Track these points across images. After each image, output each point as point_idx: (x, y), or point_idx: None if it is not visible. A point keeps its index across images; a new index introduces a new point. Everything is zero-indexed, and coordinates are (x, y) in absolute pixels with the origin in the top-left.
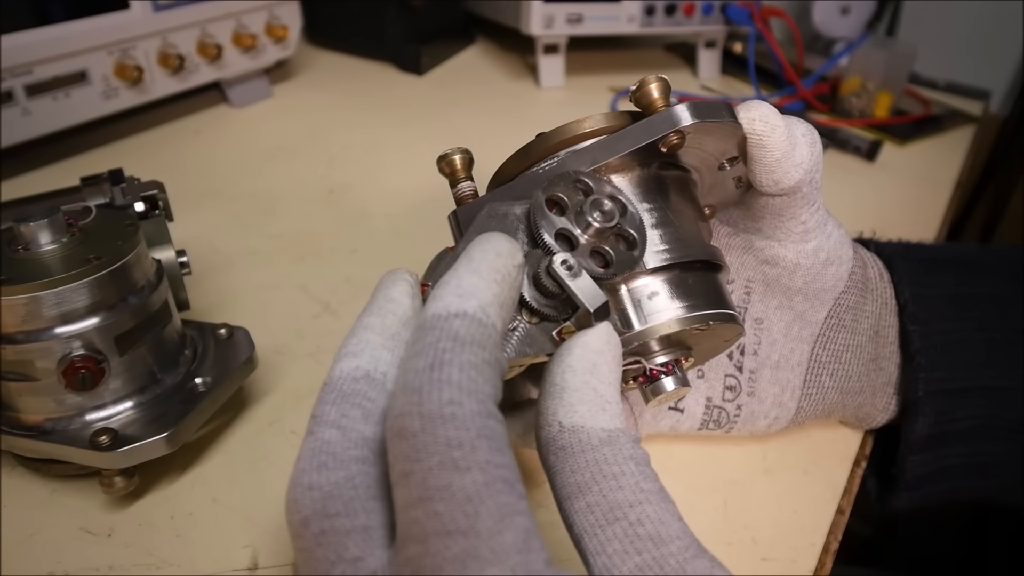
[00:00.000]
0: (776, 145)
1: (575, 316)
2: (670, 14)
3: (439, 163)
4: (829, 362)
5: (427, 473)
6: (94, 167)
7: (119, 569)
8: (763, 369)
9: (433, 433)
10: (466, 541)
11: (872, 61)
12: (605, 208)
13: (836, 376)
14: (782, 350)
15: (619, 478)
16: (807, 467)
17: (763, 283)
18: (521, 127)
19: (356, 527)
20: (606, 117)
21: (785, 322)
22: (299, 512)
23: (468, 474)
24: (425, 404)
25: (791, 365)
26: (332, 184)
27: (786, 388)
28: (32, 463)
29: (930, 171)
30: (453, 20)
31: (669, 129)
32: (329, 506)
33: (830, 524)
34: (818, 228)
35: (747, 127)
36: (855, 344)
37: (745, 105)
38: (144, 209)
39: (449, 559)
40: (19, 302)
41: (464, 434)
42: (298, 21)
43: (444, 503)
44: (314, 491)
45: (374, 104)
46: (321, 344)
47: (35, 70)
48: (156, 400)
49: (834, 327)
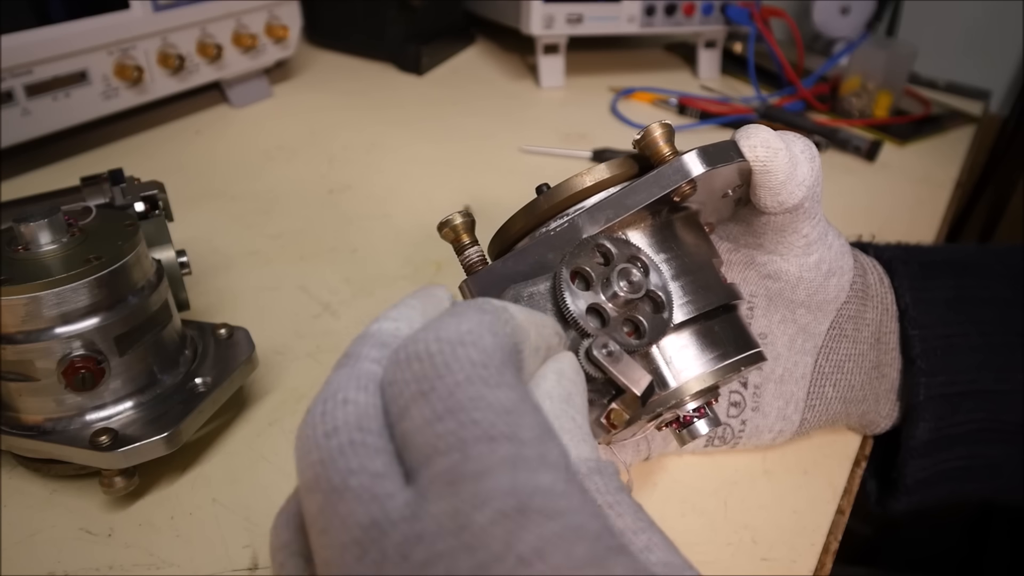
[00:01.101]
0: (779, 168)
1: (620, 398)
2: (670, 14)
3: (441, 230)
4: (832, 373)
5: (454, 387)
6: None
7: (119, 569)
8: (767, 383)
9: (454, 354)
10: (511, 446)
11: (872, 61)
12: (633, 278)
13: (839, 386)
14: (786, 363)
15: (615, 507)
16: (807, 467)
17: (766, 297)
18: (521, 127)
19: (387, 448)
20: (610, 168)
21: (788, 335)
22: (327, 423)
23: (499, 390)
24: (442, 331)
25: (795, 378)
26: (332, 184)
27: (790, 401)
28: (32, 463)
29: (930, 171)
30: (453, 20)
31: (681, 181)
32: (364, 422)
33: (830, 524)
34: (819, 240)
35: (749, 155)
36: (857, 353)
37: (744, 132)
38: (144, 209)
39: (497, 462)
40: (19, 302)
41: (489, 357)
42: (298, 21)
43: (481, 412)
44: (349, 405)
45: (374, 104)
46: (321, 344)
47: (35, 70)
48: (156, 400)
49: (836, 337)
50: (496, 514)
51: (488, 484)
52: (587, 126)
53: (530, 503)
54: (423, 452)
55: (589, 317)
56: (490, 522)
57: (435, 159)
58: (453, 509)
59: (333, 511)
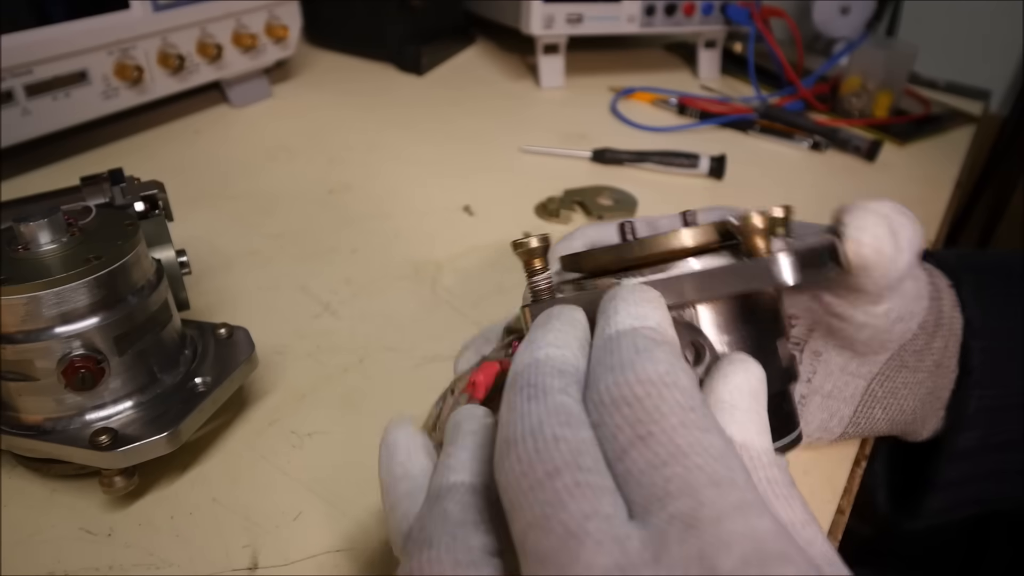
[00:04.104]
0: (883, 272)
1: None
2: (670, 14)
3: (516, 248)
4: (884, 397)
5: (671, 432)
6: (94, 167)
7: (119, 569)
8: (814, 396)
9: (662, 397)
10: (735, 491)
11: (872, 61)
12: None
13: (889, 410)
14: (836, 382)
15: (790, 500)
16: (807, 467)
17: (827, 328)
18: (521, 127)
19: (608, 487)
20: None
21: (844, 359)
22: (545, 464)
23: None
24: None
25: (843, 397)
26: (332, 184)
27: (834, 416)
28: (32, 463)
29: (930, 171)
30: (453, 20)
31: (768, 285)
32: (582, 460)
33: (830, 524)
34: (893, 290)
35: (851, 249)
36: (914, 382)
37: (855, 217)
38: (144, 209)
39: (729, 507)
40: (19, 302)
41: (692, 400)
42: (298, 21)
43: (701, 457)
44: (562, 443)
45: (374, 104)
46: (321, 344)
47: (35, 70)
48: (156, 400)
49: (895, 368)
50: (740, 559)
51: (727, 528)
52: (587, 126)
53: (767, 548)
54: (653, 495)
55: None
56: (737, 565)
57: (435, 159)
58: (698, 552)
59: (574, 556)
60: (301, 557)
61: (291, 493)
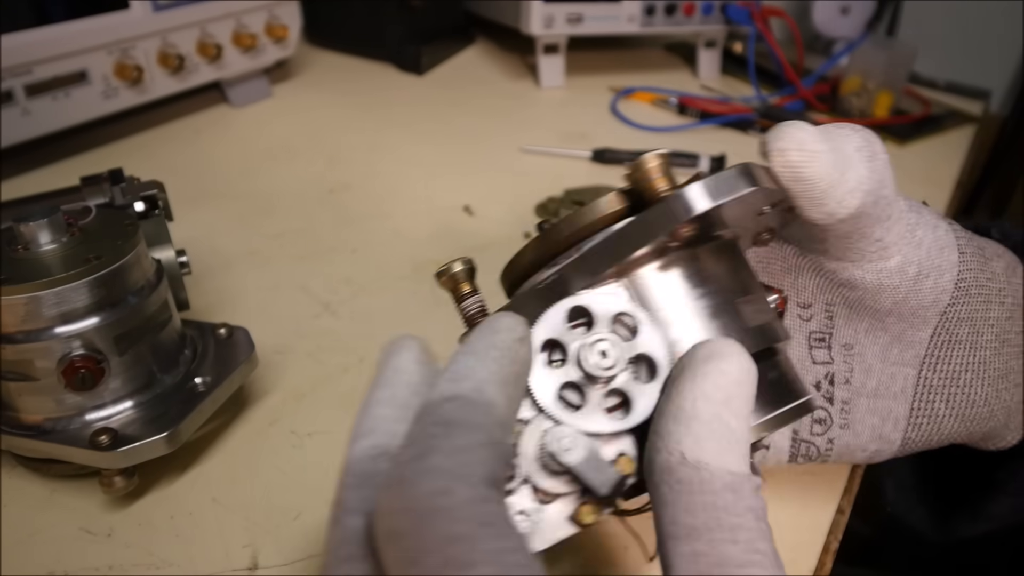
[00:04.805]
0: (820, 175)
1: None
2: (670, 14)
3: (439, 278)
4: (943, 386)
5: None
6: (94, 167)
7: (119, 569)
8: (858, 399)
9: (425, 531)
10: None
11: (872, 61)
12: (607, 349)
13: (954, 402)
14: (880, 377)
15: (736, 531)
16: (807, 467)
17: (845, 305)
18: (521, 127)
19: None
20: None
21: (881, 345)
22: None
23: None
24: (411, 498)
25: (892, 393)
26: (332, 184)
27: (887, 419)
28: (32, 463)
29: (930, 171)
30: (453, 20)
31: (675, 225)
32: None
33: (830, 524)
34: (901, 241)
35: (778, 162)
36: (976, 361)
37: (775, 133)
38: (144, 209)
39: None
40: (19, 302)
41: (460, 526)
42: (298, 21)
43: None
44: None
45: (374, 104)
46: (321, 344)
47: (35, 70)
48: (156, 400)
49: (945, 344)
50: None
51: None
52: (587, 126)
53: None
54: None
55: (562, 398)
56: None
57: (435, 159)
58: None
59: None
60: (301, 557)
61: (291, 493)
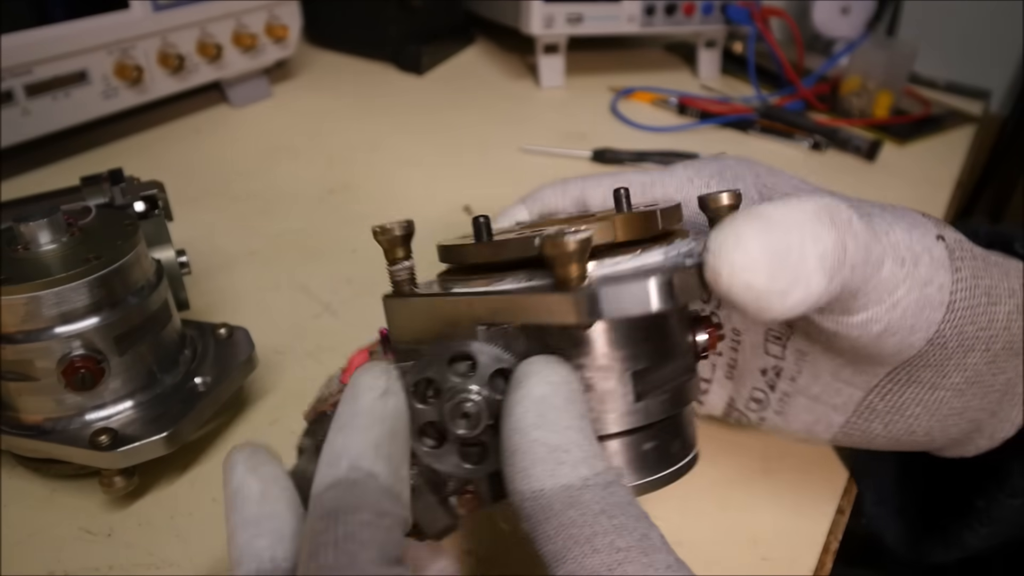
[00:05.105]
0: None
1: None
2: (670, 14)
3: (376, 234)
4: (886, 412)
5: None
6: (94, 167)
7: (119, 569)
8: (798, 397)
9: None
10: None
11: (872, 61)
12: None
13: (892, 427)
14: (825, 387)
15: (592, 540)
16: (807, 467)
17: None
18: (521, 127)
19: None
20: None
21: (835, 364)
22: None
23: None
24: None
25: (833, 404)
26: (332, 184)
27: (820, 421)
28: (32, 463)
29: (930, 171)
30: (453, 20)
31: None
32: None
33: (830, 524)
34: (872, 302)
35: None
36: (932, 400)
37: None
38: (144, 209)
39: None
40: (19, 302)
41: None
42: (298, 21)
43: None
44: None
45: (374, 104)
46: (321, 344)
47: (35, 70)
48: (156, 400)
49: (902, 382)
50: None
51: None
52: (587, 126)
53: None
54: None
55: (423, 431)
56: None
57: (435, 159)
58: None
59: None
60: None
61: None
